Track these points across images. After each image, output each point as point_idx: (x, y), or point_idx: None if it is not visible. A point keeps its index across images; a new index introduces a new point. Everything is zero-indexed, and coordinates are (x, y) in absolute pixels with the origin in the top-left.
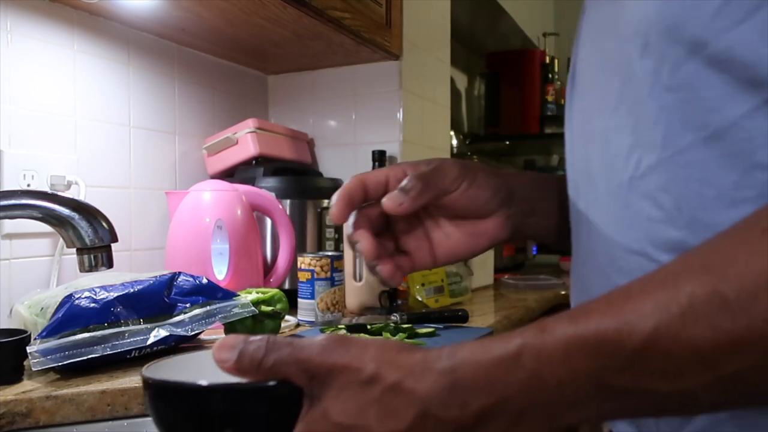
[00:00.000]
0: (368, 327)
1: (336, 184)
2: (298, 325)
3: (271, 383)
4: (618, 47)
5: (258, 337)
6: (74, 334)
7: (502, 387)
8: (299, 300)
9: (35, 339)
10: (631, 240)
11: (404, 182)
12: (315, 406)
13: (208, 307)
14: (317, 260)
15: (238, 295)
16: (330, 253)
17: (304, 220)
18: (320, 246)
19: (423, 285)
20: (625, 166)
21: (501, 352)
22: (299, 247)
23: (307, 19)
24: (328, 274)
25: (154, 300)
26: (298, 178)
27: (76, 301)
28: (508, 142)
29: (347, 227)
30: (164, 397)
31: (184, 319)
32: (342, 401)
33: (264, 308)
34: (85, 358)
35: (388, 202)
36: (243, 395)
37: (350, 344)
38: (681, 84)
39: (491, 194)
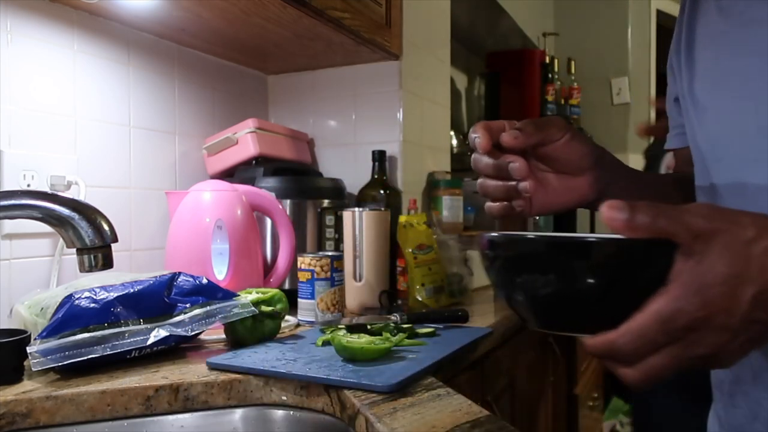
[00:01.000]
0: (368, 327)
1: (336, 184)
2: (298, 325)
3: (658, 239)
4: None
5: (641, 203)
6: (74, 334)
7: None
8: (299, 300)
9: (35, 339)
10: None
11: (519, 124)
12: (698, 260)
13: (208, 307)
14: (317, 260)
15: (238, 295)
16: (330, 253)
17: (304, 220)
18: (320, 246)
19: (423, 285)
20: None
21: None
22: (299, 247)
23: (307, 19)
24: (328, 274)
25: (154, 300)
26: (298, 178)
27: (76, 301)
28: None
29: (484, 164)
30: (551, 253)
31: (184, 319)
32: (728, 256)
33: (264, 308)
34: (85, 358)
35: (507, 136)
36: (638, 247)
37: (727, 211)
38: None
39: (587, 151)
